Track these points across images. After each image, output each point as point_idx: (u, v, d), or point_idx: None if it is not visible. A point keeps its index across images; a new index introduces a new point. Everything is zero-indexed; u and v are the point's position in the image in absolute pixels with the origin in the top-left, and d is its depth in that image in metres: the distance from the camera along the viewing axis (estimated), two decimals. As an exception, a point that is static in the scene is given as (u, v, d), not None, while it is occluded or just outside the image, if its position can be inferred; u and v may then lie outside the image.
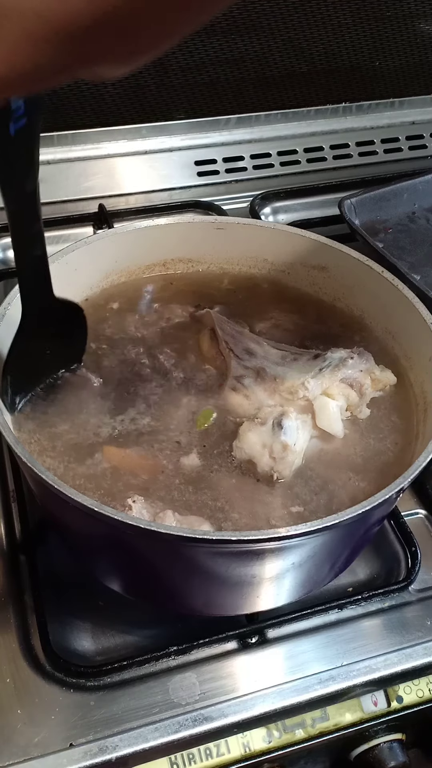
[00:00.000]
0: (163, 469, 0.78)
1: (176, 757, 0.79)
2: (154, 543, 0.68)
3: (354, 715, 0.85)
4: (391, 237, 1.30)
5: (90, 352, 0.89)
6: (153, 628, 0.85)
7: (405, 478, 0.70)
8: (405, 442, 0.84)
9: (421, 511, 0.99)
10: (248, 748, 0.81)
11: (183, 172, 1.46)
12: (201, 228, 1.00)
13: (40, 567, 0.86)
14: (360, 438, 0.84)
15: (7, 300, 0.83)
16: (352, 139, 1.56)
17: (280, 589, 0.79)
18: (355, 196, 1.27)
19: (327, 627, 0.87)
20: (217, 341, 0.89)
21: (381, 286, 0.92)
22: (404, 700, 0.86)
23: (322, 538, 0.70)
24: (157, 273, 1.01)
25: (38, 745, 0.75)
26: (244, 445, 0.78)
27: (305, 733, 0.83)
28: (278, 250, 1.00)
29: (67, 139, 1.39)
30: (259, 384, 0.83)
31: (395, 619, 0.88)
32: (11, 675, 0.80)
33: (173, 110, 1.46)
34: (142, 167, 1.44)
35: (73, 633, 0.84)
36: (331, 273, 0.98)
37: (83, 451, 0.79)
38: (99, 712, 0.78)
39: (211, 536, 0.65)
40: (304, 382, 0.81)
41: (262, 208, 1.40)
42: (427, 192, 1.34)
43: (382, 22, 1.51)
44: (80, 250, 0.92)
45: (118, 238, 0.96)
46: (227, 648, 0.84)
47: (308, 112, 1.54)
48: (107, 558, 0.80)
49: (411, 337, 0.89)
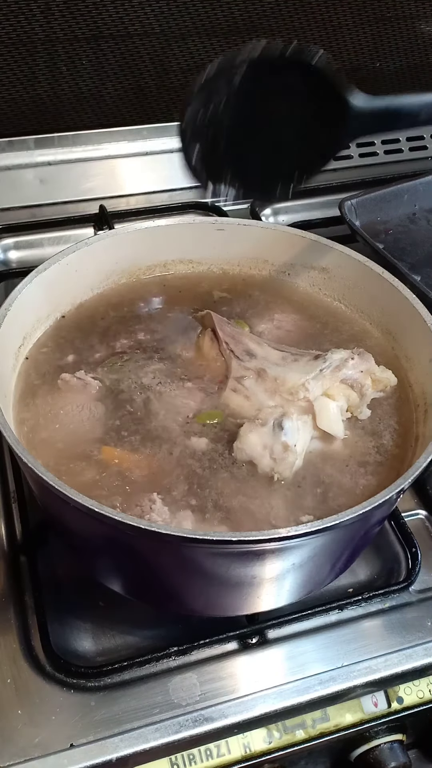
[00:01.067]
0: (163, 469, 0.78)
1: (177, 757, 0.79)
2: (154, 543, 0.68)
3: (354, 716, 0.85)
4: (391, 238, 1.30)
5: (90, 353, 0.90)
6: (153, 629, 0.85)
7: (405, 478, 0.70)
8: (405, 443, 0.84)
9: (422, 511, 0.99)
10: (249, 749, 0.81)
11: (184, 174, 1.45)
12: (201, 229, 1.00)
13: (41, 568, 0.87)
14: (360, 438, 0.84)
15: (8, 302, 0.83)
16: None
17: (281, 590, 0.79)
18: (355, 198, 1.27)
19: (327, 628, 0.87)
20: (218, 342, 0.89)
21: (381, 287, 0.92)
22: (405, 701, 0.86)
23: (323, 538, 0.70)
24: (157, 274, 1.01)
25: (39, 746, 0.75)
26: (244, 446, 0.78)
27: (306, 733, 0.83)
28: (279, 251, 1.00)
29: (68, 140, 1.40)
30: (259, 385, 0.83)
31: (396, 619, 0.88)
32: (12, 676, 0.80)
33: (174, 111, 1.46)
34: (143, 168, 1.44)
35: (73, 634, 0.84)
36: (332, 274, 0.98)
37: (83, 452, 0.79)
38: (99, 713, 0.78)
39: (212, 537, 0.65)
40: (305, 382, 0.81)
41: (262, 209, 1.40)
42: (428, 193, 1.34)
43: (382, 23, 1.51)
44: (81, 251, 0.92)
45: (118, 239, 0.96)
46: (228, 648, 0.84)
47: (309, 113, 1.54)
48: (107, 558, 0.80)
49: (411, 338, 0.89)
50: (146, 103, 1.44)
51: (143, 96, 1.43)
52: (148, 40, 1.37)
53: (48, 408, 0.83)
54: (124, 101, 1.42)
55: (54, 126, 1.39)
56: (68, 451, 0.79)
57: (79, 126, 1.41)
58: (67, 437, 0.81)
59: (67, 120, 1.40)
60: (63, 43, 1.33)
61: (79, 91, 1.38)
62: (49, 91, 1.36)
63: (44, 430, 0.81)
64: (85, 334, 0.92)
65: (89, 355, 0.90)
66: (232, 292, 1.00)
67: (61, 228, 1.32)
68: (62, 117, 1.39)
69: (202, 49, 1.41)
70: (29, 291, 0.86)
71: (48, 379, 0.86)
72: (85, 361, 0.89)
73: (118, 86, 1.40)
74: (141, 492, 0.75)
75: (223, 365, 0.88)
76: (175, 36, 1.39)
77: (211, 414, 0.84)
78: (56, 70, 1.35)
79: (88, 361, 0.89)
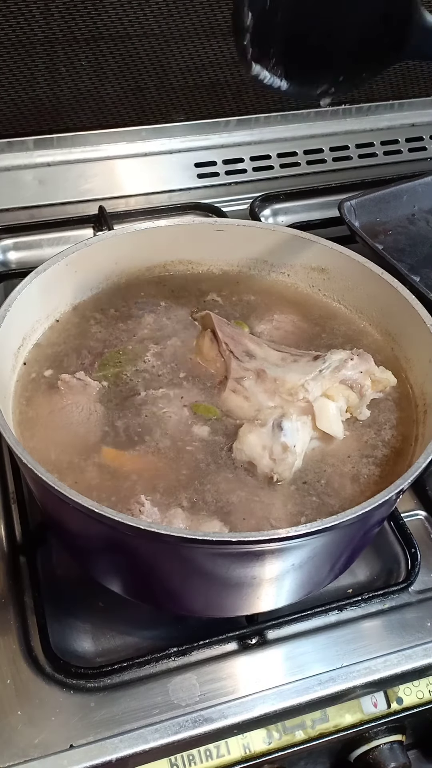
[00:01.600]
0: (162, 470, 0.79)
1: (176, 758, 0.79)
2: (153, 544, 0.68)
3: (354, 717, 0.85)
4: (390, 239, 1.30)
5: (89, 354, 0.90)
6: (153, 630, 0.85)
7: (405, 479, 0.70)
8: (405, 444, 0.84)
9: (421, 512, 0.99)
10: (248, 750, 0.81)
11: (183, 174, 1.46)
12: (201, 230, 1.00)
13: (41, 568, 0.87)
14: (360, 439, 0.84)
15: (7, 302, 0.83)
16: (351, 141, 1.56)
17: (280, 591, 0.79)
18: (354, 198, 1.27)
19: (327, 628, 0.87)
20: (217, 343, 0.89)
21: (381, 287, 0.92)
22: (404, 702, 0.87)
23: (322, 539, 0.71)
24: (156, 274, 1.01)
25: (38, 747, 0.75)
26: (244, 447, 0.79)
27: (305, 734, 0.83)
28: (278, 252, 1.00)
29: (66, 140, 1.40)
30: (259, 386, 0.83)
31: (395, 620, 0.88)
32: (11, 676, 0.80)
33: (173, 112, 1.46)
34: (142, 169, 1.44)
35: (73, 634, 0.84)
36: (331, 275, 0.98)
37: (83, 453, 0.79)
38: (99, 714, 0.78)
39: (211, 537, 0.65)
40: (304, 383, 0.81)
41: (261, 210, 1.40)
42: (427, 194, 1.34)
43: (381, 24, 1.52)
44: (80, 252, 0.92)
45: (118, 239, 0.96)
46: (227, 649, 0.84)
47: (308, 114, 1.54)
48: (107, 559, 0.80)
49: (411, 338, 0.89)
50: (145, 103, 1.44)
51: (142, 97, 1.43)
52: (147, 41, 1.37)
53: (48, 409, 0.83)
54: (124, 102, 1.42)
55: (53, 127, 1.39)
56: (68, 452, 0.79)
57: (78, 127, 1.41)
58: (67, 438, 0.81)
59: (67, 121, 1.40)
60: (62, 44, 1.33)
61: (78, 92, 1.38)
62: (48, 92, 1.36)
63: (44, 430, 0.81)
64: (84, 335, 0.92)
65: (89, 356, 0.90)
66: (232, 293, 1.00)
67: (60, 229, 1.32)
68: (61, 118, 1.40)
69: (201, 50, 1.41)
70: (28, 292, 0.86)
71: (47, 380, 0.86)
72: (84, 362, 0.89)
73: (118, 87, 1.40)
74: (141, 493, 0.75)
75: (222, 366, 0.88)
76: (175, 37, 1.39)
77: (209, 408, 0.84)
78: (55, 71, 1.35)
79: (87, 362, 0.89)
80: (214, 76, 1.45)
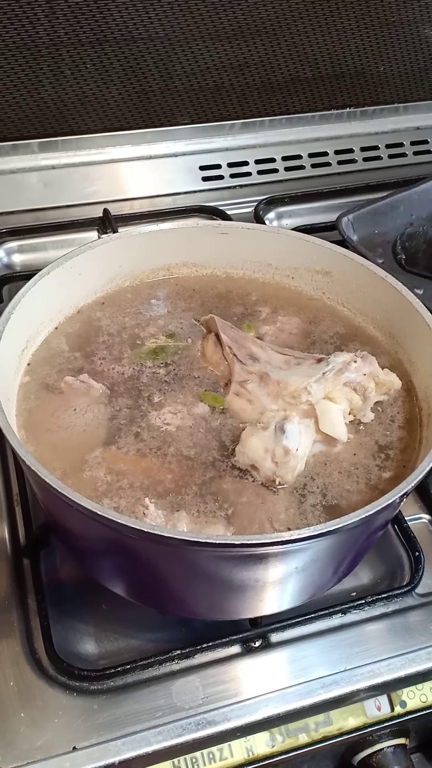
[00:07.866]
0: (166, 473, 0.79)
1: (179, 761, 0.79)
2: (157, 546, 0.68)
3: (357, 720, 0.85)
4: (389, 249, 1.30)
5: (93, 357, 0.90)
6: (156, 632, 0.85)
7: (408, 482, 0.70)
8: (409, 446, 0.84)
9: (425, 515, 0.99)
10: (251, 753, 0.81)
11: (187, 177, 1.46)
12: (205, 233, 1.00)
13: (44, 571, 0.87)
14: (363, 442, 0.84)
15: (11, 305, 0.83)
16: (356, 144, 1.56)
17: (284, 594, 0.79)
18: (351, 213, 1.27)
19: (330, 631, 0.87)
20: (221, 346, 0.89)
21: (385, 290, 0.92)
22: (407, 705, 0.86)
23: (326, 542, 0.70)
24: (161, 277, 1.02)
25: (41, 749, 0.75)
26: (246, 450, 0.78)
27: (308, 737, 0.83)
28: (282, 255, 1.00)
29: (71, 143, 1.40)
30: (262, 388, 0.83)
31: (399, 623, 0.88)
32: (15, 678, 0.80)
33: (178, 115, 1.46)
34: (147, 172, 1.45)
35: (76, 637, 0.84)
36: (335, 278, 0.98)
37: (86, 455, 0.79)
38: (102, 716, 0.78)
39: (215, 540, 0.65)
40: (307, 386, 0.81)
41: (266, 213, 1.40)
42: (423, 202, 1.35)
43: (386, 27, 1.52)
44: (85, 255, 0.92)
45: (122, 242, 0.96)
46: (230, 652, 0.84)
47: (313, 118, 1.55)
48: (110, 562, 0.80)
49: (415, 341, 0.89)
50: (150, 107, 1.44)
51: (147, 100, 1.43)
52: (152, 44, 1.38)
53: (51, 411, 0.83)
54: (129, 105, 1.42)
55: (58, 130, 1.40)
56: (71, 455, 0.80)
57: (83, 130, 1.41)
58: (70, 440, 0.81)
59: (71, 124, 1.41)
60: (67, 47, 1.33)
61: (83, 95, 1.38)
62: (53, 94, 1.37)
63: (47, 433, 0.82)
64: (88, 338, 0.93)
65: (92, 359, 0.90)
66: (236, 295, 1.00)
67: (64, 231, 1.32)
68: (66, 121, 1.40)
69: (206, 53, 1.42)
70: (33, 294, 0.86)
71: (51, 382, 0.87)
72: (88, 364, 0.89)
73: (123, 90, 1.41)
74: (145, 496, 0.75)
75: (226, 369, 0.88)
76: (180, 40, 1.39)
77: (216, 398, 0.84)
78: (60, 74, 1.36)
79: (91, 364, 0.89)
80: (219, 80, 1.45)
